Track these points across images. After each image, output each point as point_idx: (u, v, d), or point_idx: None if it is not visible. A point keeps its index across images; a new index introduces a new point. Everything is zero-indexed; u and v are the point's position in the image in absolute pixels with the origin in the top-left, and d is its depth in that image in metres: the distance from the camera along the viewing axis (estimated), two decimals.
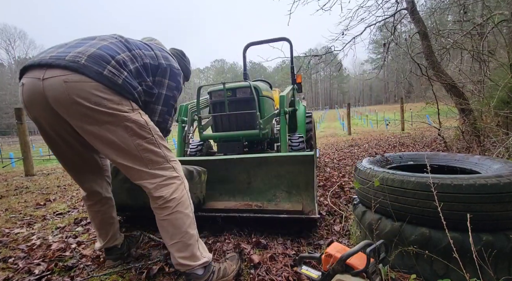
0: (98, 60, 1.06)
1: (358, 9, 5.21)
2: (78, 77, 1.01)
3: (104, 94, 1.05)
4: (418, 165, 1.72)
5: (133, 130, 1.12)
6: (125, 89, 1.10)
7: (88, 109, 1.04)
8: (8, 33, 58.97)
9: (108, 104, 1.05)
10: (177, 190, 1.22)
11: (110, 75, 1.06)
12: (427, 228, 1.17)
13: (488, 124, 3.35)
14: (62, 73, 1.01)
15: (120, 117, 1.09)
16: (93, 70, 1.03)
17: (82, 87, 1.02)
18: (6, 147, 22.34)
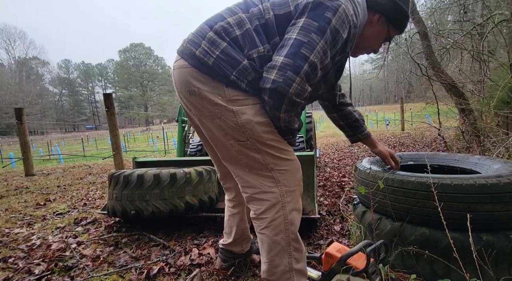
0: (196, 36, 0.93)
1: None
2: (180, 63, 0.94)
3: (197, 82, 0.91)
4: (418, 165, 1.72)
5: (224, 130, 0.94)
6: (217, 72, 0.88)
7: (186, 100, 0.96)
8: (8, 33, 59.06)
9: (200, 93, 0.91)
10: (270, 210, 0.97)
11: (202, 55, 0.89)
12: (427, 228, 1.17)
13: (488, 124, 3.35)
14: (176, 59, 0.99)
15: (211, 113, 0.92)
16: (188, 52, 0.92)
17: (180, 75, 0.94)
18: (6, 147, 22.36)
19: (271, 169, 0.96)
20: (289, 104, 0.87)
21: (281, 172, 0.97)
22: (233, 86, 0.89)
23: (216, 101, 0.90)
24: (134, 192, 1.79)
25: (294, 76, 0.82)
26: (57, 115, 61.47)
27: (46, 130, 50.29)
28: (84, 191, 3.56)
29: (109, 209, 1.90)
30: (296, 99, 0.86)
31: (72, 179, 4.54)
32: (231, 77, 0.88)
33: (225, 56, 0.88)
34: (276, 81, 0.83)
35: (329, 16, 0.84)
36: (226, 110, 0.90)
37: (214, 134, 0.97)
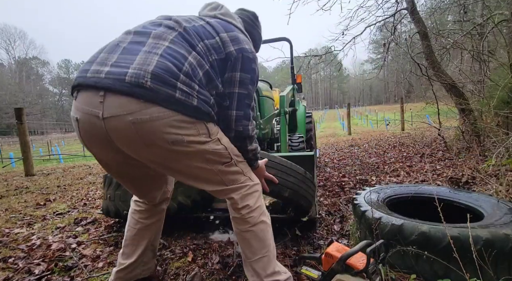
0: (166, 77, 0.82)
1: (358, 9, 5.22)
2: (148, 113, 0.80)
3: (180, 130, 0.86)
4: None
5: (214, 160, 0.98)
6: (201, 111, 0.89)
7: (164, 151, 0.88)
8: (8, 33, 58.97)
9: (186, 140, 0.87)
10: (259, 198, 1.10)
11: (184, 97, 0.84)
12: (427, 228, 1.17)
13: (488, 124, 3.36)
14: (125, 110, 0.79)
15: (201, 152, 0.93)
16: (164, 96, 0.81)
17: (155, 128, 0.82)
18: (6, 147, 22.35)
19: (245, 173, 1.10)
20: (251, 139, 1.11)
21: (249, 172, 1.13)
22: (211, 120, 0.97)
23: (203, 140, 0.93)
24: (127, 193, 1.79)
25: (247, 122, 1.06)
26: (57, 115, 61.43)
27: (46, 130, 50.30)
28: (84, 191, 3.56)
29: (103, 209, 1.91)
30: (253, 134, 1.11)
31: (72, 179, 4.54)
32: (211, 113, 0.95)
33: (201, 95, 0.91)
34: (237, 130, 1.06)
35: (254, 66, 1.07)
36: (213, 142, 0.97)
37: (199, 169, 0.98)
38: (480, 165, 2.82)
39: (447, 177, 2.78)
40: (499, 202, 1.43)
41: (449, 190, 1.70)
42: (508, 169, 2.40)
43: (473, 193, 1.62)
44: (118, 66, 0.82)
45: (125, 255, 1.21)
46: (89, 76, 0.83)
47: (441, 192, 1.66)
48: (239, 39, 1.03)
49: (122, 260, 1.21)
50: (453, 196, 1.62)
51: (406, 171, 3.39)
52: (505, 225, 1.15)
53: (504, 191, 1.95)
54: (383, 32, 6.24)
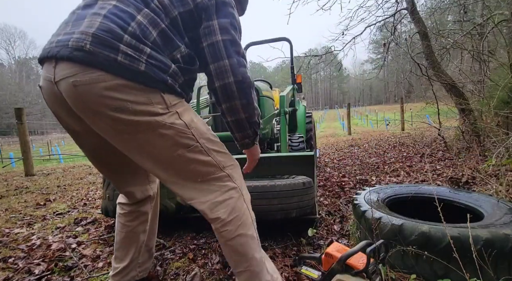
0: (107, 38, 0.75)
1: (358, 9, 5.23)
2: (88, 75, 0.74)
3: (125, 94, 0.77)
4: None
5: (172, 139, 0.84)
6: (152, 78, 0.78)
7: (109, 119, 0.78)
8: (8, 33, 59.07)
9: (133, 108, 0.78)
10: (236, 207, 0.93)
11: (127, 61, 0.75)
12: (427, 228, 1.17)
13: (488, 124, 3.36)
14: (69, 72, 0.76)
15: (152, 124, 0.80)
16: (103, 59, 0.74)
17: (96, 90, 0.75)
18: (6, 147, 22.35)
19: (223, 167, 0.93)
20: (253, 90, 0.96)
21: (231, 168, 0.97)
22: (170, 91, 0.83)
23: (157, 110, 0.80)
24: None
25: (244, 69, 0.92)
26: None
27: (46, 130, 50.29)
28: (84, 191, 3.56)
29: (102, 209, 1.92)
30: (253, 86, 0.96)
31: (72, 179, 4.54)
32: (168, 81, 0.82)
33: (154, 61, 0.79)
34: (237, 80, 0.90)
35: (232, 11, 0.94)
36: (170, 115, 0.83)
37: (154, 150, 0.84)
38: (480, 165, 2.82)
39: (447, 177, 2.78)
40: (499, 202, 1.43)
41: (449, 190, 1.70)
42: (508, 169, 2.40)
43: (473, 193, 1.62)
44: (67, 34, 0.79)
45: (118, 259, 1.17)
46: (46, 47, 0.82)
47: (441, 192, 1.66)
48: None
49: (115, 264, 1.17)
50: (453, 196, 1.62)
51: (406, 171, 3.39)
52: (505, 225, 1.15)
53: (504, 191, 1.95)
54: (383, 32, 6.25)
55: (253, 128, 0.99)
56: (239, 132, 1.00)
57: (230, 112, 0.95)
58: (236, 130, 1.00)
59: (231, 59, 0.89)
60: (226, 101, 0.93)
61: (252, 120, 0.97)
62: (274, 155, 2.07)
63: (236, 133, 1.01)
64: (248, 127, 0.98)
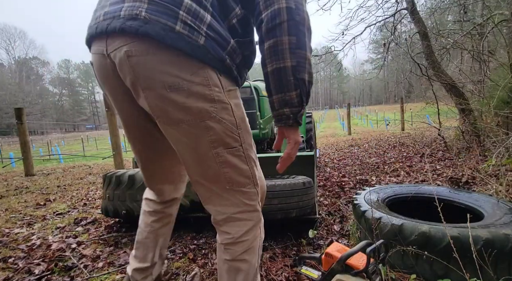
0: (164, 4, 0.65)
1: (358, 9, 5.24)
2: (144, 45, 0.65)
3: (182, 71, 0.66)
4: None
5: (215, 134, 0.73)
6: (210, 54, 0.67)
7: (161, 100, 0.69)
8: (8, 33, 59.13)
9: (188, 88, 0.67)
10: (251, 231, 0.82)
11: (187, 32, 0.65)
12: (427, 228, 1.17)
13: (488, 124, 3.36)
14: (123, 41, 0.67)
15: (202, 113, 0.70)
16: (160, 28, 0.64)
17: (151, 63, 0.66)
18: (6, 147, 22.36)
19: (255, 184, 0.80)
20: (309, 37, 0.72)
21: (258, 184, 0.83)
22: (227, 73, 0.71)
23: (213, 95, 0.69)
24: (126, 192, 1.81)
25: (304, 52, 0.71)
26: (57, 115, 61.47)
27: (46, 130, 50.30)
28: (84, 191, 3.56)
29: (102, 209, 1.93)
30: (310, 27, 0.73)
31: (72, 179, 4.54)
32: (226, 61, 0.69)
33: (214, 33, 0.67)
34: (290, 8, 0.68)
35: None
36: (223, 107, 0.71)
37: (193, 143, 0.74)
38: (480, 165, 2.82)
39: (447, 177, 2.78)
40: (499, 202, 1.43)
41: (449, 190, 1.70)
42: (508, 169, 2.40)
43: (473, 193, 1.62)
44: (115, 3, 0.71)
45: (138, 258, 1.08)
46: (93, 24, 0.75)
47: (441, 192, 1.66)
48: None
49: (134, 263, 1.08)
50: (453, 196, 1.62)
51: (406, 171, 3.39)
52: (505, 225, 1.15)
53: (504, 191, 1.95)
54: (383, 32, 6.25)
55: (300, 89, 0.72)
56: (278, 91, 0.73)
57: (271, 54, 0.71)
58: (275, 86, 0.73)
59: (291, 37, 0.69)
60: (271, 36, 0.69)
61: (299, 75, 0.71)
62: (274, 155, 2.08)
63: (274, 94, 0.74)
64: (292, 83, 0.71)
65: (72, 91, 68.67)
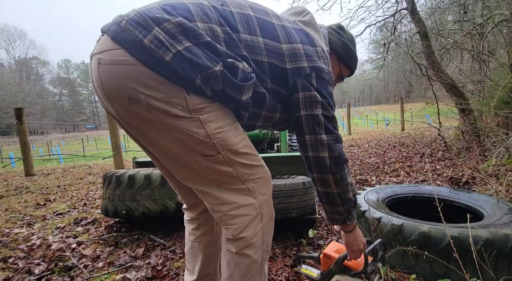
0: (146, 20, 0.66)
1: (358, 9, 5.24)
2: (112, 52, 0.66)
3: (141, 86, 0.66)
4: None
5: (188, 146, 0.74)
6: (176, 73, 0.66)
7: (124, 110, 0.70)
8: (8, 33, 59.09)
9: (147, 102, 0.67)
10: (249, 226, 0.83)
11: (154, 46, 0.64)
12: (427, 228, 1.17)
13: (488, 124, 3.36)
14: (100, 48, 0.69)
15: (168, 126, 0.71)
16: (129, 38, 0.65)
17: (116, 74, 0.67)
18: (6, 147, 22.36)
19: (245, 180, 0.83)
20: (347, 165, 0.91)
21: (256, 181, 0.85)
22: (196, 92, 0.70)
23: (175, 112, 0.69)
24: (126, 192, 1.81)
25: (340, 145, 0.88)
26: (57, 115, 61.50)
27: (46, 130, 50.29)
28: (84, 191, 3.56)
29: (102, 209, 1.93)
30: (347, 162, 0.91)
31: (72, 179, 4.54)
32: (196, 81, 0.68)
33: (189, 54, 0.66)
34: (334, 157, 0.86)
35: (330, 90, 0.89)
36: (190, 121, 0.71)
37: (170, 150, 0.76)
38: (480, 165, 2.82)
39: (447, 177, 2.78)
40: (499, 202, 1.43)
41: (449, 190, 1.70)
42: (508, 169, 2.40)
43: (473, 193, 1.62)
44: None
45: (188, 271, 1.08)
46: None
47: (441, 192, 1.66)
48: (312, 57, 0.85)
49: (186, 277, 1.08)
50: (453, 196, 1.62)
51: (406, 171, 3.39)
52: (505, 225, 1.15)
53: (504, 191, 1.95)
54: (383, 32, 6.25)
55: (346, 205, 0.90)
56: (329, 205, 0.92)
57: (321, 184, 0.89)
58: (326, 202, 0.92)
59: (329, 136, 0.86)
60: (318, 172, 0.88)
61: (345, 197, 0.89)
62: (274, 155, 2.08)
63: (325, 205, 0.93)
64: (339, 203, 0.90)
65: (72, 91, 68.68)
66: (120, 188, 1.82)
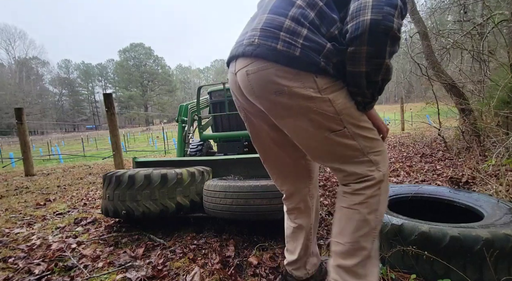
0: (270, 29, 0.84)
1: None
2: (256, 64, 0.85)
3: (284, 80, 0.83)
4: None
5: (319, 123, 0.87)
6: (305, 62, 0.81)
7: (271, 104, 0.89)
8: (8, 33, 59.07)
9: (289, 91, 0.83)
10: (369, 188, 0.92)
11: (285, 48, 0.81)
12: (427, 227, 1.17)
13: (488, 124, 3.36)
14: (243, 64, 0.88)
15: (303, 109, 0.85)
16: (266, 49, 0.83)
17: (261, 78, 0.85)
18: (6, 147, 22.35)
19: (367, 153, 0.91)
20: (393, 44, 0.79)
21: (377, 154, 0.92)
22: (322, 73, 0.83)
23: (310, 94, 0.83)
24: (126, 192, 1.81)
25: (392, 10, 0.75)
26: (57, 115, 61.49)
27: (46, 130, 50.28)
28: (84, 191, 3.56)
29: (102, 209, 1.93)
30: (399, 34, 0.78)
31: (72, 179, 4.54)
32: (320, 64, 0.81)
33: (309, 42, 0.81)
34: (375, 19, 0.74)
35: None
36: (322, 101, 0.84)
37: (305, 132, 0.90)
38: (480, 165, 2.82)
39: (447, 177, 2.78)
40: (499, 202, 1.43)
41: (449, 190, 1.70)
42: (508, 169, 2.40)
43: (473, 193, 1.62)
44: (243, 35, 0.93)
45: (289, 251, 1.21)
46: (232, 50, 0.96)
47: (441, 192, 1.66)
48: None
49: (287, 256, 1.21)
50: (453, 196, 1.62)
51: (406, 171, 3.39)
52: (505, 225, 1.15)
53: (504, 191, 1.95)
54: None
55: (371, 89, 0.86)
56: (353, 86, 0.87)
57: (351, 59, 0.82)
58: (351, 83, 0.87)
59: None
60: (353, 43, 0.80)
61: (372, 79, 0.83)
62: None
63: (350, 86, 0.88)
64: (365, 85, 0.85)
65: (72, 91, 68.61)
66: (120, 188, 1.82)
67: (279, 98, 0.85)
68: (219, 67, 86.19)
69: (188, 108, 2.94)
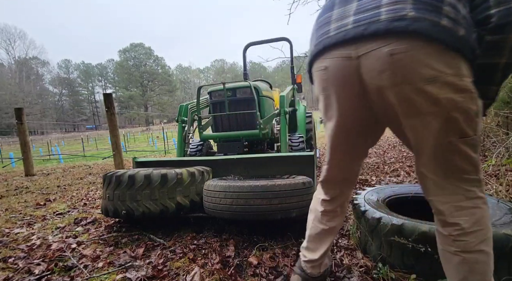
0: (428, 1, 0.68)
1: None
2: (408, 42, 0.68)
3: (442, 64, 0.68)
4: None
5: (455, 124, 0.73)
6: (467, 45, 0.68)
7: (414, 93, 0.71)
8: (8, 33, 59.08)
9: (444, 80, 0.68)
10: (482, 219, 0.78)
11: (450, 25, 0.67)
12: (427, 227, 1.17)
13: (488, 124, 3.35)
14: (382, 43, 0.71)
15: (450, 104, 0.70)
16: (429, 24, 0.67)
17: (414, 59, 0.69)
18: (6, 147, 22.36)
19: (479, 171, 0.78)
20: None
21: (481, 172, 0.80)
22: (473, 61, 0.71)
23: (465, 86, 0.69)
24: (126, 192, 1.81)
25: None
26: (57, 115, 61.50)
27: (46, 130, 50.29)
28: (84, 191, 3.56)
29: (102, 209, 1.93)
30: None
31: (72, 179, 4.54)
32: (476, 50, 0.69)
33: (467, 23, 0.68)
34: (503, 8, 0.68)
35: None
36: (470, 96, 0.71)
37: (430, 132, 0.75)
38: (480, 165, 2.81)
39: None
40: (499, 202, 1.43)
41: None
42: (508, 169, 2.40)
43: None
44: (365, 11, 0.74)
45: (310, 249, 1.17)
46: (333, 34, 0.78)
47: None
48: None
49: (307, 253, 1.17)
50: None
51: (406, 171, 3.39)
52: (505, 225, 1.15)
53: (504, 191, 1.95)
54: None
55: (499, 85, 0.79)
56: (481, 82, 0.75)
57: (491, 49, 0.73)
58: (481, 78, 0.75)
59: None
60: (498, 31, 0.70)
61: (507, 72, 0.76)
62: (274, 155, 2.08)
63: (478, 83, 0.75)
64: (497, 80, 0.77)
65: (72, 91, 68.61)
66: (120, 188, 1.82)
67: (428, 87, 0.69)
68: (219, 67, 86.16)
69: (188, 108, 2.94)
